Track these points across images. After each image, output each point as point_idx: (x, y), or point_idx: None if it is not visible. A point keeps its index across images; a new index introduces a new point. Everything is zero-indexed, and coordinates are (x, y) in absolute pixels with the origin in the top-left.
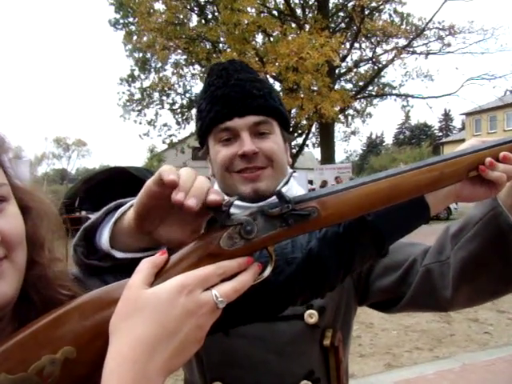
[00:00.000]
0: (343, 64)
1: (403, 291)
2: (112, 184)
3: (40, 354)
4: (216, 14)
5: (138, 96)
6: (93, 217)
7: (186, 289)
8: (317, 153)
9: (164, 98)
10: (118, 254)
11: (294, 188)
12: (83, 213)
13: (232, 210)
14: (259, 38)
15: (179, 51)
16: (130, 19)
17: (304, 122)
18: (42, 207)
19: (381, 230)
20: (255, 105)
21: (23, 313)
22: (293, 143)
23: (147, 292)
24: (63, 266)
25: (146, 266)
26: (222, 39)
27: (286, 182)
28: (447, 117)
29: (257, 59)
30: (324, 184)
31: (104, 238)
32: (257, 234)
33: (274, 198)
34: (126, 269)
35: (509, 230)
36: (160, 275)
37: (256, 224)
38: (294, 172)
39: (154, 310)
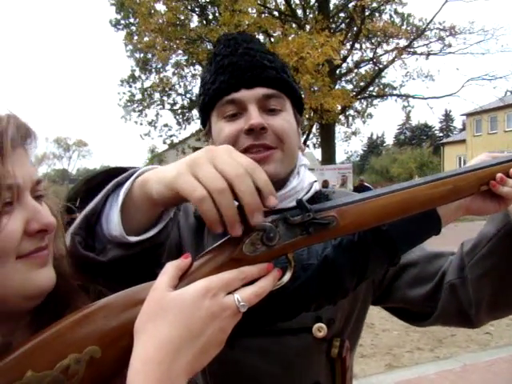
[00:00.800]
0: (344, 65)
1: (431, 306)
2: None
3: (66, 352)
4: (217, 14)
5: (138, 96)
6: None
7: (211, 292)
8: (317, 153)
9: (165, 98)
10: (132, 239)
11: (306, 180)
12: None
13: None
14: (260, 38)
15: (180, 52)
16: (131, 20)
17: (305, 122)
18: (54, 204)
19: (394, 239)
20: (266, 76)
21: (41, 305)
22: None
23: (172, 294)
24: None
25: (171, 269)
26: None
27: (307, 192)
28: (448, 117)
29: None
30: (325, 184)
31: (114, 223)
32: (278, 241)
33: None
34: (117, 271)
35: None
36: (184, 278)
37: (278, 231)
38: (306, 163)
39: (179, 312)
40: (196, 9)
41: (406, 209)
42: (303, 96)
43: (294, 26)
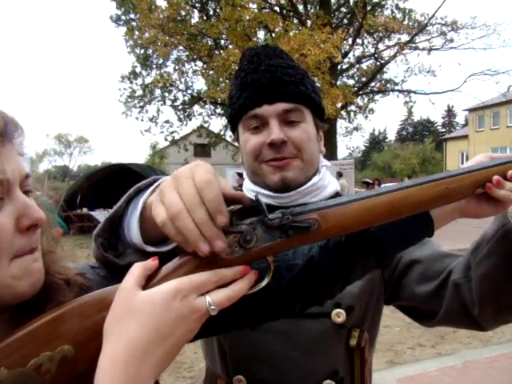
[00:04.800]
0: (345, 60)
1: (437, 304)
2: (114, 181)
3: (39, 351)
4: (217, 10)
5: (139, 93)
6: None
7: (181, 293)
8: None
9: (166, 94)
10: (149, 248)
11: (327, 178)
12: (84, 210)
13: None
14: (261, 34)
15: (181, 48)
16: (132, 15)
17: None
18: (39, 203)
19: (382, 242)
20: (285, 91)
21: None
22: None
23: (142, 294)
24: (56, 256)
25: (138, 269)
26: (223, 36)
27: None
28: (450, 113)
29: None
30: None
31: (133, 230)
32: (256, 244)
33: (291, 195)
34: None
35: None
36: (153, 280)
37: (255, 234)
38: (327, 164)
39: (148, 313)
40: (197, 4)
41: (393, 212)
42: None
43: (295, 21)
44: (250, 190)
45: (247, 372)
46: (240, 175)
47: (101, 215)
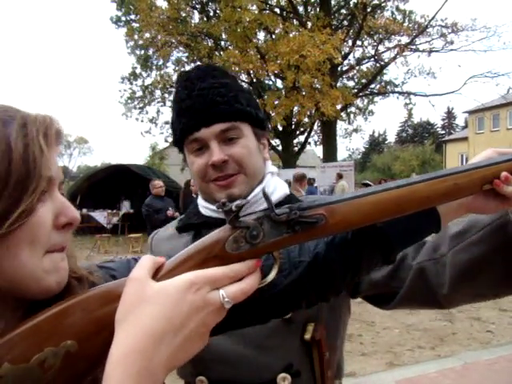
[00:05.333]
0: (345, 61)
1: (395, 286)
2: (113, 182)
3: (42, 346)
4: (218, 11)
5: (139, 94)
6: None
7: (195, 286)
8: (319, 151)
9: (166, 95)
10: None
11: (272, 185)
12: (84, 210)
13: (210, 214)
14: (261, 35)
15: (181, 48)
16: (132, 16)
17: (306, 119)
18: None
19: (389, 237)
20: (219, 112)
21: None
22: (295, 141)
23: (155, 285)
24: (72, 255)
25: (149, 261)
26: (223, 36)
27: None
28: (450, 115)
29: (259, 57)
30: (310, 182)
31: None
32: (262, 239)
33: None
34: None
35: None
36: (159, 273)
37: (262, 229)
38: (273, 171)
39: (161, 304)
40: (197, 5)
41: (401, 208)
42: (303, 94)
43: (295, 22)
44: (202, 206)
45: (207, 372)
46: None
47: (100, 216)
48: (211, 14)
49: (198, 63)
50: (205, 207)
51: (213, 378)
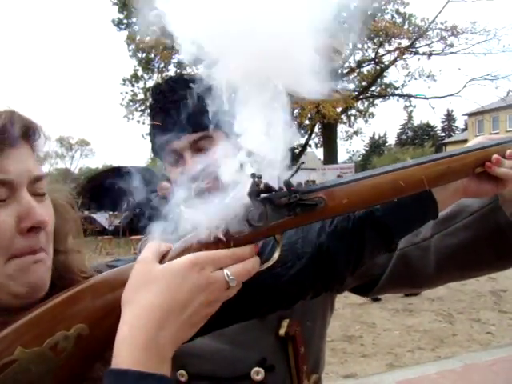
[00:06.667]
0: (346, 64)
1: (375, 273)
2: (115, 184)
3: (54, 330)
4: None
5: (141, 96)
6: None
7: (198, 266)
8: (319, 153)
9: None
10: None
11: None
12: (86, 212)
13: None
14: None
15: None
16: (134, 19)
17: (306, 122)
18: (64, 204)
19: (389, 225)
20: (190, 124)
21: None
22: (295, 143)
23: (160, 266)
24: (81, 256)
25: (155, 245)
26: None
27: (296, 171)
28: (450, 117)
29: None
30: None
31: None
32: (265, 222)
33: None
34: None
35: (506, 226)
36: (166, 258)
37: (264, 212)
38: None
39: (166, 283)
40: None
41: (397, 190)
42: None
43: None
44: None
45: (187, 367)
46: None
47: (102, 218)
48: None
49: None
50: None
51: (192, 372)
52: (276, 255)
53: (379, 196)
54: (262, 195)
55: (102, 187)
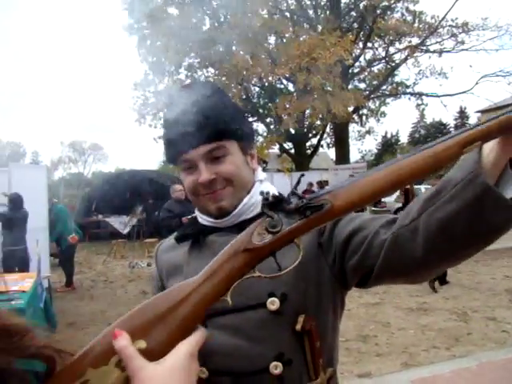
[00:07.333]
0: (356, 64)
1: (370, 264)
2: (128, 187)
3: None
4: (228, 17)
5: (152, 100)
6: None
7: (194, 355)
8: (332, 153)
9: None
10: None
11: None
12: (100, 216)
13: (206, 223)
14: (272, 39)
15: (192, 54)
16: (144, 23)
17: (318, 122)
18: None
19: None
20: (204, 135)
21: None
22: (307, 144)
23: (157, 368)
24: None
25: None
26: (234, 42)
27: (298, 183)
28: (463, 114)
29: (269, 61)
30: (321, 185)
31: None
32: (281, 228)
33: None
34: None
35: (486, 190)
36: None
37: (280, 219)
38: (262, 180)
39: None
40: (208, 11)
41: (392, 184)
42: (315, 97)
43: (305, 26)
44: (199, 216)
45: (207, 364)
46: None
47: (116, 221)
48: (222, 19)
49: (211, 68)
50: (200, 217)
51: (212, 369)
52: (300, 256)
53: (378, 191)
54: (274, 206)
55: (116, 191)
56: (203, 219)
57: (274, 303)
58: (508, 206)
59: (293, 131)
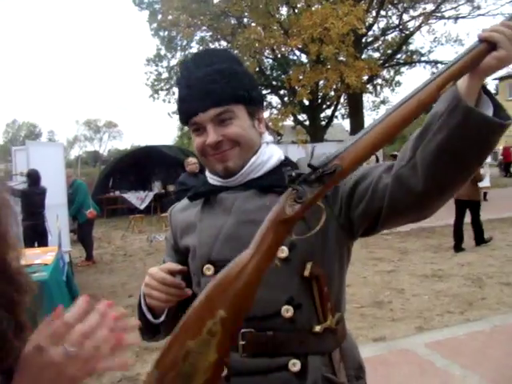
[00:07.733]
0: (370, 33)
1: (377, 207)
2: (144, 163)
3: (205, 319)
4: None
5: (165, 75)
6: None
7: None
8: (346, 124)
9: None
10: (156, 321)
11: (267, 154)
12: (117, 192)
13: (215, 183)
14: (284, 10)
15: (204, 28)
16: None
17: (332, 93)
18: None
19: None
20: (213, 99)
21: None
22: (322, 115)
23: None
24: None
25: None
26: (246, 14)
27: (312, 156)
28: None
29: (282, 32)
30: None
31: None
32: (306, 197)
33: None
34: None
35: (470, 111)
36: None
37: (304, 189)
38: (268, 142)
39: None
40: None
41: (387, 135)
42: (328, 67)
43: None
44: (209, 177)
45: None
46: None
47: (133, 197)
48: None
49: (223, 41)
50: (210, 177)
51: None
52: (323, 218)
53: (378, 144)
54: (297, 180)
55: (132, 167)
56: (213, 179)
57: (283, 251)
58: (491, 121)
59: (307, 102)
